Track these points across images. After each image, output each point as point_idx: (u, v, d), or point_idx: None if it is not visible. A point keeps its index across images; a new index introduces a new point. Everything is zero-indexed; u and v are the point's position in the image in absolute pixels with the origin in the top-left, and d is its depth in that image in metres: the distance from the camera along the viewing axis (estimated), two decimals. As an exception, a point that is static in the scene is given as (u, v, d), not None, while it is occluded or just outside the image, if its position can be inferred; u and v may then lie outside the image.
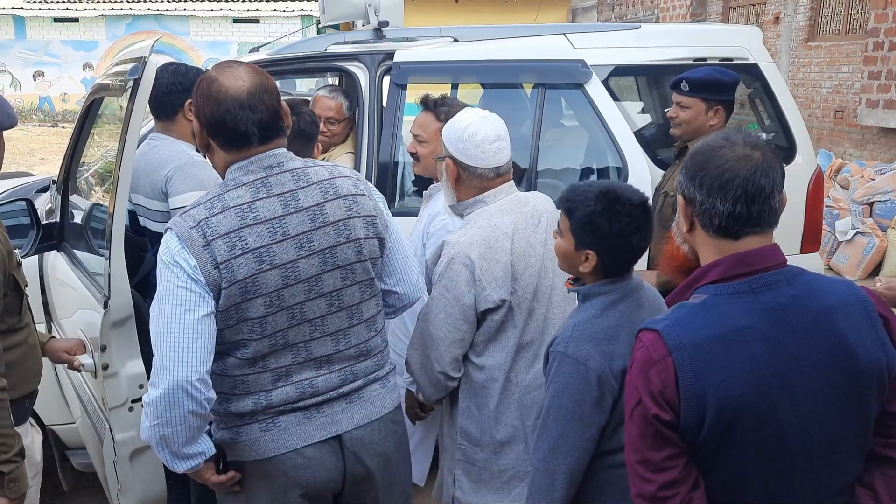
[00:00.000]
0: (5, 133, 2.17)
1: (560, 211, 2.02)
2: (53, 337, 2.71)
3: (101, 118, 3.45)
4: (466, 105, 2.74)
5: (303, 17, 19.87)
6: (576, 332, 1.90)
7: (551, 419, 1.88)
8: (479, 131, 2.27)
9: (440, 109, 2.73)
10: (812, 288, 1.48)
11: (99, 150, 4.02)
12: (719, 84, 3.09)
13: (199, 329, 1.72)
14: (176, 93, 2.92)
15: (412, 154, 2.82)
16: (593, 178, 3.67)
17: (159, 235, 2.91)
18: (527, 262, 2.29)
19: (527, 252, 2.30)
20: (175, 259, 1.73)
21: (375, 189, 2.04)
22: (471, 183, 2.31)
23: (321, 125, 3.39)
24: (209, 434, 1.92)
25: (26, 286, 2.24)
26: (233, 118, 1.77)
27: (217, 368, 1.82)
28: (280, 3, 20.79)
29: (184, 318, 1.71)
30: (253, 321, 1.79)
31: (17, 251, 2.30)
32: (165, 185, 2.81)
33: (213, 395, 1.77)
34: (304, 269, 1.82)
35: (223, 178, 1.89)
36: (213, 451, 1.87)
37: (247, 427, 1.87)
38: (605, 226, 1.90)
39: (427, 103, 2.78)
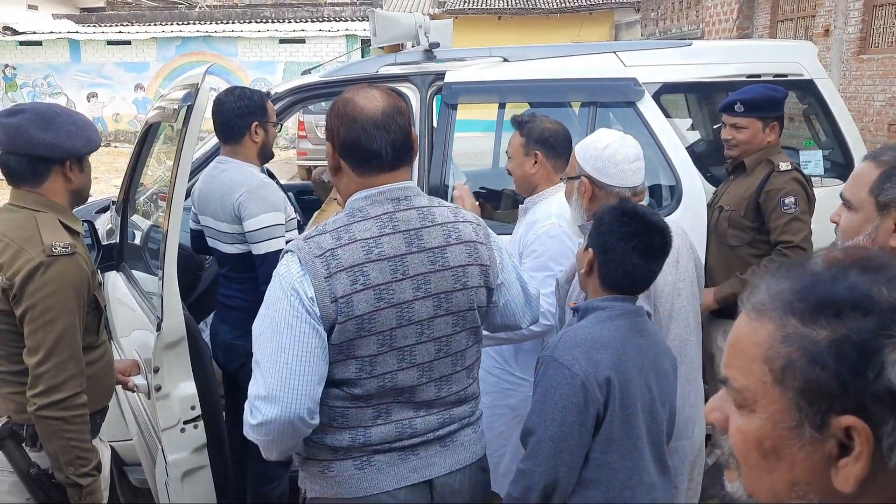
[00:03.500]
0: None
1: None
2: None
3: (158, 141, 3.53)
4: (552, 122, 2.83)
5: (347, 36, 20.12)
6: (565, 336, 1.90)
7: (532, 423, 1.85)
8: (619, 151, 2.28)
9: (524, 126, 2.81)
10: None
11: (157, 172, 4.11)
12: (773, 101, 3.08)
13: (311, 360, 1.67)
14: (242, 116, 2.95)
15: (510, 172, 2.90)
16: (645, 196, 3.63)
17: (229, 256, 3.00)
18: (664, 280, 2.30)
19: (663, 271, 2.31)
20: (294, 287, 1.67)
21: (493, 234, 1.98)
22: (606, 202, 2.27)
23: None
24: (291, 468, 1.88)
25: (106, 306, 2.30)
26: (368, 137, 1.73)
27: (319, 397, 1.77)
28: (325, 23, 21.11)
29: (297, 347, 1.66)
30: (363, 359, 1.72)
31: None
32: (238, 209, 2.85)
33: (318, 420, 1.73)
34: (418, 310, 1.75)
35: (344, 205, 1.84)
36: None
37: (339, 462, 1.80)
38: (606, 221, 1.93)
39: (514, 121, 2.88)
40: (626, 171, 2.28)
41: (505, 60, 3.73)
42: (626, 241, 1.88)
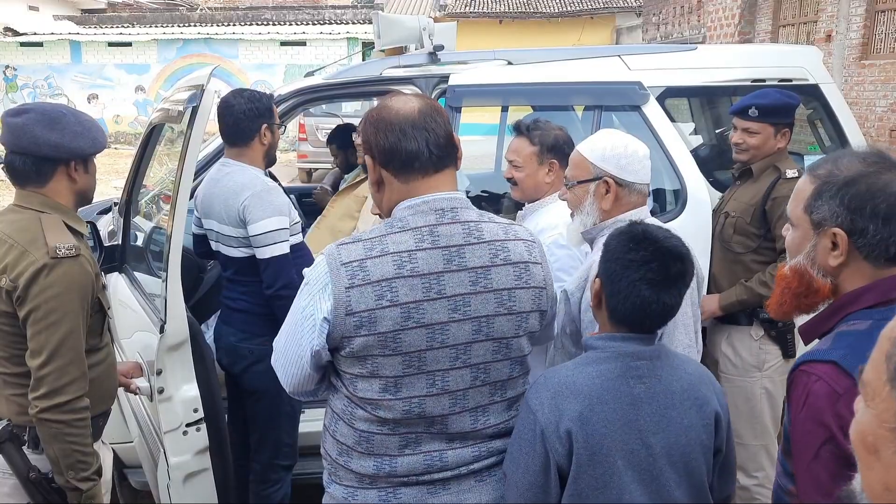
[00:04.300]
0: None
1: None
2: None
3: (161, 143, 3.52)
4: (558, 127, 2.75)
5: (348, 39, 20.14)
6: (542, 378, 1.74)
7: (505, 465, 1.74)
8: (638, 148, 2.27)
9: (533, 133, 2.71)
10: None
11: (158, 174, 4.10)
12: (788, 107, 3.08)
13: (308, 358, 1.68)
14: (253, 118, 2.93)
15: (509, 179, 2.78)
16: (649, 200, 3.62)
17: (233, 260, 2.98)
18: None
19: None
20: (316, 292, 1.63)
21: (546, 252, 1.85)
22: (629, 200, 2.26)
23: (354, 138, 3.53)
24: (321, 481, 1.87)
25: (109, 308, 2.29)
26: (406, 137, 1.64)
27: (345, 416, 1.72)
28: (326, 25, 21.14)
29: (297, 347, 1.68)
30: (388, 379, 1.63)
31: None
32: (243, 212, 2.83)
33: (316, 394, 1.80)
34: (453, 333, 1.63)
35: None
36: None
37: (365, 491, 1.72)
38: (613, 247, 1.74)
39: (520, 128, 2.76)
40: (646, 167, 2.29)
41: (509, 63, 3.72)
42: (633, 270, 1.68)
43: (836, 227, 1.44)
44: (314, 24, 21.36)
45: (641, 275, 1.68)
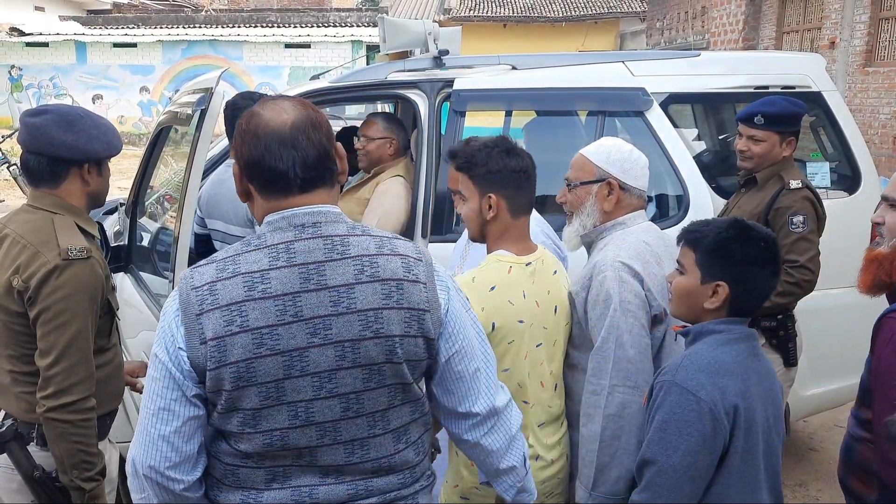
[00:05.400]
0: None
1: (680, 246, 1.94)
2: None
3: (169, 145, 3.54)
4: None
5: (353, 41, 20.19)
6: (686, 361, 1.80)
7: (652, 452, 1.76)
8: (641, 155, 2.35)
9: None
10: None
11: (163, 175, 4.12)
12: (795, 115, 3.07)
13: (175, 410, 1.46)
14: None
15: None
16: (652, 206, 3.64)
17: None
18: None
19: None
20: (169, 323, 1.46)
21: (445, 277, 1.62)
22: (629, 203, 2.32)
23: (356, 142, 3.63)
24: None
25: (118, 309, 2.31)
26: (272, 155, 1.47)
27: (212, 450, 1.56)
28: (330, 28, 21.19)
29: (159, 395, 1.46)
30: (245, 412, 1.45)
31: None
32: (251, 213, 2.85)
33: (195, 476, 1.52)
34: (314, 360, 1.45)
35: None
36: None
37: None
38: (739, 251, 1.82)
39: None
40: (646, 175, 2.36)
41: (514, 68, 3.74)
42: (763, 266, 1.83)
43: None
44: (319, 27, 21.41)
45: (770, 270, 1.85)
